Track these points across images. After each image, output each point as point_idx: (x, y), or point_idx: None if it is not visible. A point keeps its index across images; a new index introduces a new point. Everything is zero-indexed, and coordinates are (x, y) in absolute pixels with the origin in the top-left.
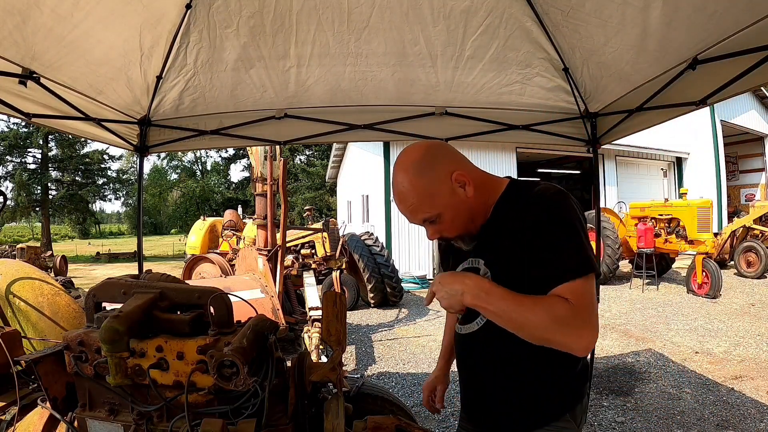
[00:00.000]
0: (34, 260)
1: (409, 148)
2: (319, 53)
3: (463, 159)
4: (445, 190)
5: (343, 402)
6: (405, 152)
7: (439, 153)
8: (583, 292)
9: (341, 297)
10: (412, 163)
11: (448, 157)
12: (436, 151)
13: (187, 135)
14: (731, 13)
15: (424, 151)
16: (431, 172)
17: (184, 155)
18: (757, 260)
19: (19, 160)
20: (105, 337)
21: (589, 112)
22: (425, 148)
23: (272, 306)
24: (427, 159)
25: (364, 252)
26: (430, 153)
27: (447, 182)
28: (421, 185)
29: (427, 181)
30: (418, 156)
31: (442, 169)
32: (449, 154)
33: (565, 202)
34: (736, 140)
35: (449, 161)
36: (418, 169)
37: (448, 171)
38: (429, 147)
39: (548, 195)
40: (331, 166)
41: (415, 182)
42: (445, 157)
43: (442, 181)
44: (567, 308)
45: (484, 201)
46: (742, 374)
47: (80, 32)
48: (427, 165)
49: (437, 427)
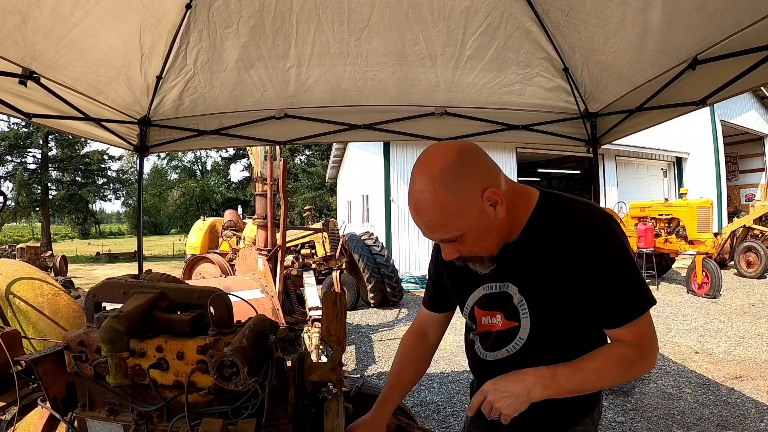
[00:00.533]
0: (34, 260)
1: (436, 150)
2: (319, 53)
3: (495, 169)
4: (474, 210)
5: (343, 402)
6: (431, 154)
7: (473, 162)
8: (644, 330)
9: (341, 297)
10: (440, 172)
11: (482, 168)
12: (469, 159)
13: (187, 135)
14: (731, 13)
15: (456, 157)
16: (462, 187)
17: (184, 155)
18: (757, 260)
19: (19, 160)
20: (105, 337)
21: (589, 112)
22: (457, 154)
23: (272, 306)
24: (459, 169)
25: (364, 252)
26: (463, 161)
27: (478, 201)
28: (448, 202)
29: (456, 198)
30: (448, 163)
31: (474, 183)
32: (483, 163)
33: (614, 229)
34: (736, 140)
35: (483, 174)
36: (447, 181)
37: (481, 187)
38: (461, 153)
39: (594, 221)
40: (331, 166)
41: (442, 197)
42: (478, 169)
43: (472, 198)
44: (633, 353)
45: (513, 219)
46: (742, 374)
47: (80, 32)
48: (457, 177)
49: (437, 427)
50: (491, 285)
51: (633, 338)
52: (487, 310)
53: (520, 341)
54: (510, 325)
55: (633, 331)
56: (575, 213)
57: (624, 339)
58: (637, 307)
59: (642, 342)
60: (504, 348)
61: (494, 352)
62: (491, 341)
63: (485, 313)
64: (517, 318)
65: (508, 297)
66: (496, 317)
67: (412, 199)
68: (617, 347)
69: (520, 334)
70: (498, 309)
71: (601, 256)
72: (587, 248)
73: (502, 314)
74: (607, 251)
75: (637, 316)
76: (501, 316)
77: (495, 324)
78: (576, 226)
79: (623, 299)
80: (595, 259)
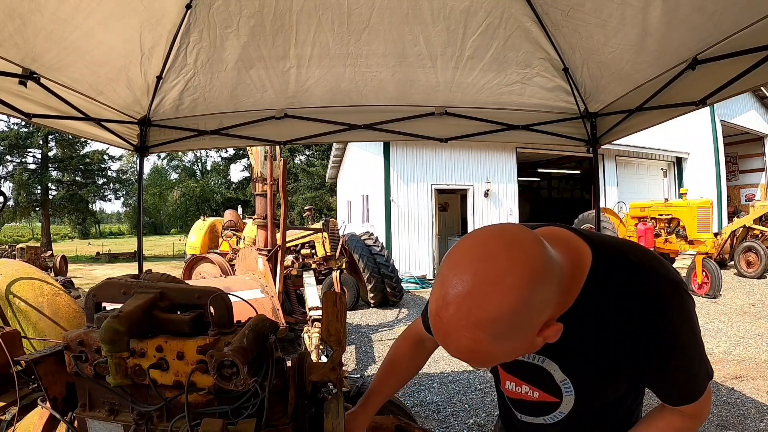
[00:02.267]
0: (34, 260)
1: (493, 270)
2: (319, 54)
3: (561, 280)
4: (523, 345)
5: (343, 402)
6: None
7: (537, 294)
8: (707, 398)
9: (341, 297)
10: (493, 322)
11: (548, 297)
12: (530, 296)
13: (187, 135)
14: (731, 13)
15: (520, 297)
16: (518, 335)
17: (184, 155)
18: (757, 260)
19: (19, 160)
20: (105, 337)
21: (589, 112)
22: (524, 289)
23: (272, 306)
24: (520, 315)
25: (364, 252)
26: (528, 301)
27: (532, 338)
28: (493, 351)
29: (505, 349)
30: (509, 309)
31: (534, 325)
32: (551, 288)
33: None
34: (736, 140)
35: (546, 306)
36: (501, 335)
37: (539, 326)
38: (527, 287)
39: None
40: (331, 166)
41: (487, 348)
42: (543, 301)
43: (527, 339)
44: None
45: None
46: (742, 374)
47: (81, 34)
48: (516, 326)
49: (437, 427)
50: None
51: (692, 411)
52: (516, 377)
53: (560, 414)
54: (549, 399)
55: (692, 410)
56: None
57: (686, 411)
58: (700, 389)
59: (703, 412)
60: (541, 417)
61: (530, 417)
62: (527, 408)
63: (511, 378)
64: (558, 395)
65: (547, 373)
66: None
67: (441, 321)
68: (675, 419)
69: (560, 409)
70: (531, 382)
71: (666, 337)
72: (651, 327)
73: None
74: (674, 331)
75: (702, 393)
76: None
77: (529, 395)
78: (638, 299)
79: (687, 383)
80: (659, 339)
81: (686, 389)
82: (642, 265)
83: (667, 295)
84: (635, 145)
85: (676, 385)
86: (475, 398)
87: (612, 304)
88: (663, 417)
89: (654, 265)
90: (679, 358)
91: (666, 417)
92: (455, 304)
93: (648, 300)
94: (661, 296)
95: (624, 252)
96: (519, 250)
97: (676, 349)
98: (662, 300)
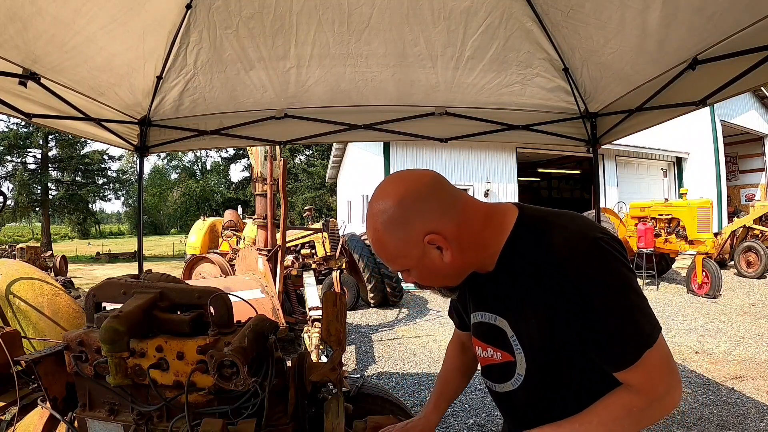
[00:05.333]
0: (34, 260)
1: (389, 183)
2: (319, 54)
3: (448, 209)
4: (414, 252)
5: (343, 402)
6: (385, 186)
7: (416, 206)
8: (652, 371)
9: (341, 297)
10: (381, 213)
11: (425, 209)
12: (412, 203)
13: (187, 135)
14: (731, 14)
15: (399, 199)
16: (401, 230)
17: (184, 155)
18: (757, 260)
19: (19, 160)
20: (105, 337)
21: (589, 112)
22: (401, 195)
23: (272, 306)
24: (399, 213)
25: (364, 252)
26: (405, 205)
27: (418, 244)
28: (387, 242)
29: (395, 241)
30: (391, 204)
31: (414, 228)
32: (429, 204)
33: (604, 258)
34: (736, 140)
35: (425, 217)
36: (386, 222)
37: (422, 231)
38: (406, 193)
39: (577, 246)
40: (331, 166)
41: (381, 236)
42: (421, 212)
43: (412, 243)
44: (640, 401)
45: (482, 253)
46: (742, 374)
47: (82, 38)
48: (396, 220)
49: (437, 427)
50: (482, 314)
51: (639, 382)
52: (482, 341)
53: (520, 377)
54: (507, 359)
55: (638, 374)
56: (553, 238)
57: (630, 383)
58: (635, 348)
59: (651, 385)
60: (508, 381)
61: (501, 384)
62: (495, 374)
63: (479, 343)
64: (512, 353)
65: (501, 331)
66: (490, 350)
67: (366, 225)
68: (621, 396)
69: (517, 370)
70: (493, 342)
71: (585, 290)
72: (569, 281)
73: (498, 348)
74: (591, 283)
75: (637, 358)
76: (497, 350)
77: (494, 357)
78: (554, 254)
79: (617, 340)
80: (580, 293)
81: (612, 350)
82: (558, 224)
83: (584, 246)
84: (635, 145)
85: (604, 345)
86: (475, 398)
87: (530, 261)
88: (613, 394)
89: (572, 220)
90: (596, 312)
91: (616, 393)
92: (370, 205)
93: (556, 256)
94: (577, 248)
95: (545, 216)
96: (405, 177)
97: (588, 304)
98: (577, 252)
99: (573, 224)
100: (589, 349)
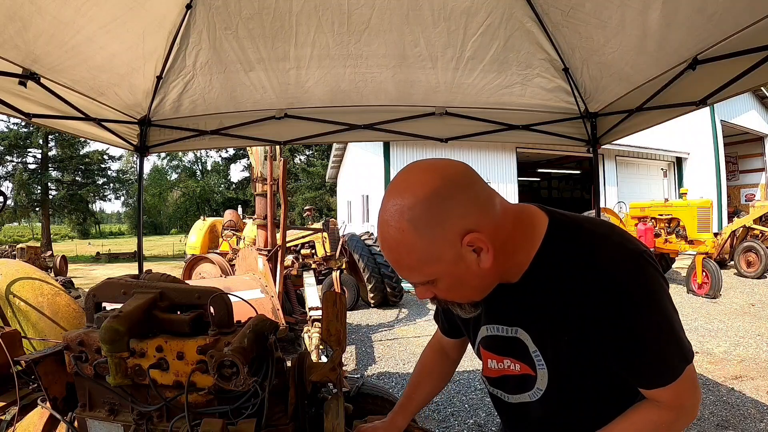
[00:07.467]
0: (34, 260)
1: (414, 172)
2: (319, 55)
3: (485, 204)
4: (448, 256)
5: (343, 402)
6: (408, 176)
7: (456, 197)
8: (683, 390)
9: (341, 297)
10: (411, 207)
11: (466, 205)
12: (451, 192)
13: (187, 135)
14: (731, 14)
15: (434, 188)
16: (436, 229)
17: (184, 155)
18: (757, 260)
19: (19, 160)
20: (105, 337)
21: (589, 112)
22: (437, 184)
23: (272, 306)
24: (436, 205)
25: (364, 252)
26: (443, 194)
27: (455, 246)
28: (416, 244)
29: (426, 241)
30: (424, 195)
31: (452, 224)
32: (469, 198)
33: (651, 276)
34: (736, 140)
35: (467, 213)
36: (418, 219)
37: (461, 229)
38: (443, 183)
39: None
40: (331, 166)
41: (409, 237)
42: (462, 206)
43: (448, 243)
44: (670, 416)
45: (509, 261)
46: (742, 374)
47: (82, 38)
48: (432, 216)
49: (437, 427)
50: (497, 327)
51: (671, 398)
52: (496, 354)
53: (539, 391)
54: (526, 371)
55: (669, 393)
56: (591, 252)
57: (660, 398)
58: (673, 370)
59: (681, 401)
60: (525, 393)
61: (517, 395)
62: (511, 385)
63: (492, 356)
64: (533, 368)
65: (522, 344)
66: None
67: (378, 228)
68: (651, 412)
69: (538, 385)
70: (511, 354)
71: (626, 311)
72: (608, 301)
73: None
74: (630, 302)
75: (679, 374)
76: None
77: (511, 368)
78: (592, 270)
79: (656, 362)
80: (619, 314)
81: (653, 369)
82: (597, 234)
83: (620, 264)
84: (635, 145)
85: (640, 364)
86: (475, 398)
87: (567, 274)
88: (640, 409)
89: (608, 233)
90: (641, 330)
91: (643, 409)
92: (386, 204)
93: (600, 270)
94: (618, 267)
95: (581, 224)
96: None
97: (634, 321)
98: (618, 271)
99: (613, 236)
100: (623, 365)
